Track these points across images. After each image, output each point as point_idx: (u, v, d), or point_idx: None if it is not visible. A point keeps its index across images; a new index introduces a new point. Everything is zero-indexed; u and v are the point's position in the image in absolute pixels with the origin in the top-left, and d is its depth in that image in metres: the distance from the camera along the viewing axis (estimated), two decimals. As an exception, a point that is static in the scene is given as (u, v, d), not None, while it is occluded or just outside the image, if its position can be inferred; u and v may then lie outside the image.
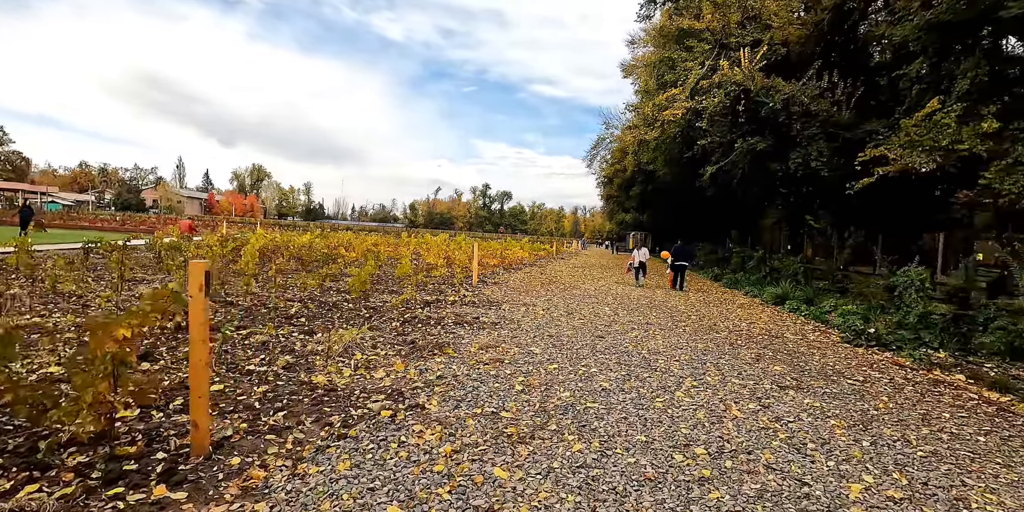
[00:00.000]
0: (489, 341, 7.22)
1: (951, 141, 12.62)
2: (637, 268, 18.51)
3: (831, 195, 21.68)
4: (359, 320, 8.30)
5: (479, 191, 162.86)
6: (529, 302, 11.69)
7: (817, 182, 19.96)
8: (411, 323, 8.36)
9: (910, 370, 7.10)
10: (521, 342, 7.30)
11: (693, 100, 17.74)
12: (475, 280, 14.65)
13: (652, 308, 11.91)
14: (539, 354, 6.62)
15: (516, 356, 6.43)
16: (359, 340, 6.78)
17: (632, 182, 40.38)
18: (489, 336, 7.63)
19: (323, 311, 8.94)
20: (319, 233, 32.65)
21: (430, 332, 7.72)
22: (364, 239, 30.10)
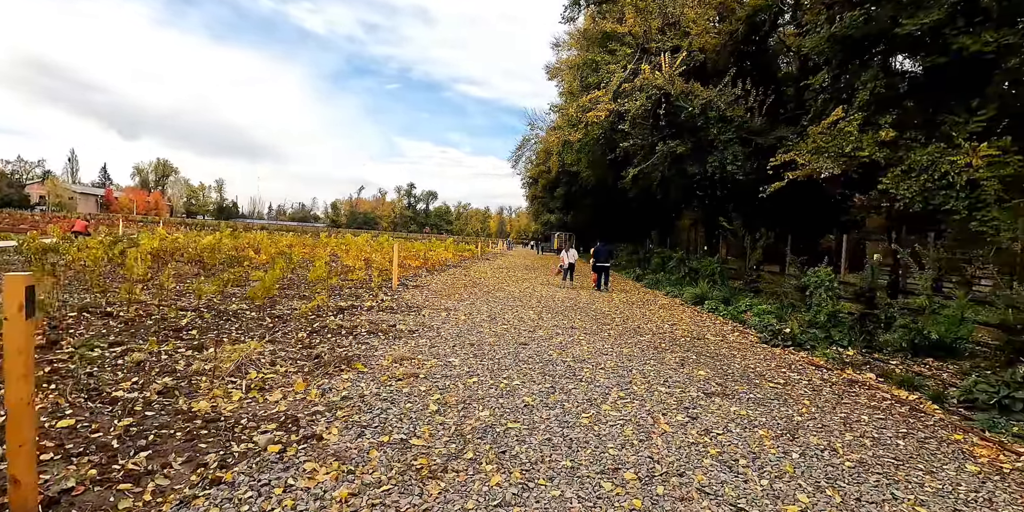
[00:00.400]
0: (405, 352, 6.65)
1: (853, 148, 13.30)
2: (567, 269, 18.50)
3: (745, 198, 22.63)
4: (260, 331, 7.48)
5: (404, 191, 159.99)
6: (451, 307, 11.17)
7: (732, 185, 20.73)
8: (319, 333, 7.63)
9: (825, 370, 7.21)
10: (440, 352, 6.78)
11: (616, 103, 17.86)
12: (395, 283, 13.94)
13: (577, 311, 11.73)
14: (458, 366, 6.13)
15: (433, 369, 5.91)
16: (256, 355, 6.02)
17: (557, 183, 40.72)
18: (405, 346, 7.06)
19: (220, 321, 8.02)
20: (229, 233, 30.53)
21: (340, 343, 7.05)
22: (278, 240, 28.39)
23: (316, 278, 12.59)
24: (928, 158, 12.66)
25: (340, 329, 7.98)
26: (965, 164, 12.21)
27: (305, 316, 8.96)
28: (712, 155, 15.67)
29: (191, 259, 16.05)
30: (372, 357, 6.34)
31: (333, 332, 7.75)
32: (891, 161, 13.36)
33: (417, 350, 6.85)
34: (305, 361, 6.02)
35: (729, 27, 18.65)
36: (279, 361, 5.92)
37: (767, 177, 16.74)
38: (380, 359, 6.25)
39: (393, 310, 10.18)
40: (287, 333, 7.54)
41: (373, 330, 8.00)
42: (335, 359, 6.11)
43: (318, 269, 12.80)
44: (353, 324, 8.38)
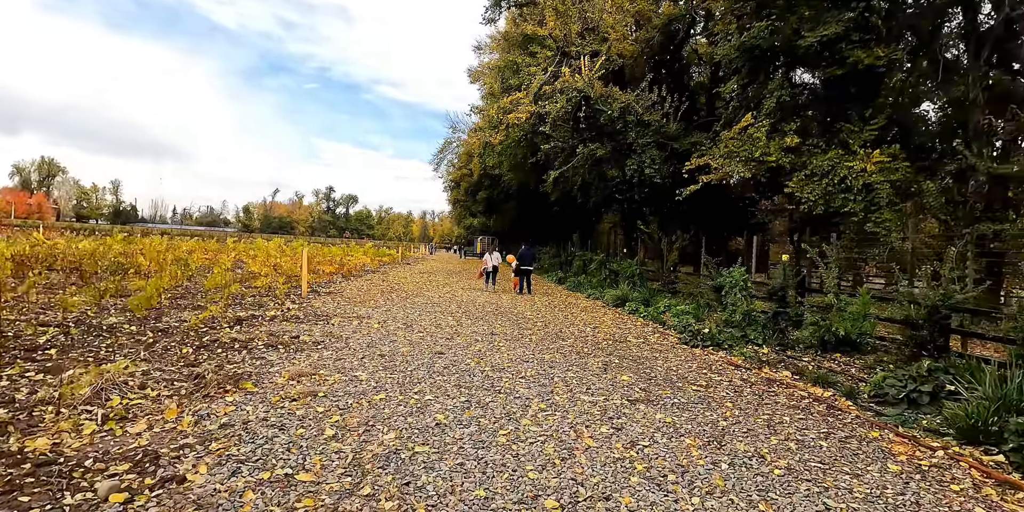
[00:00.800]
0: (305, 368, 5.95)
1: (762, 153, 13.79)
2: (489, 273, 18.13)
3: (661, 201, 23.21)
4: (137, 348, 6.51)
5: (322, 194, 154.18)
6: (364, 314, 10.44)
7: (650, 188, 21.18)
8: (208, 348, 6.75)
9: (744, 370, 7.21)
10: (346, 366, 6.13)
11: (537, 105, 17.74)
12: (304, 291, 12.97)
13: (498, 316, 11.34)
14: (365, 380, 5.52)
15: (336, 386, 5.27)
16: (124, 377, 5.13)
17: (479, 186, 40.39)
18: (307, 360, 6.35)
19: (90, 338, 6.94)
20: (121, 238, 27.82)
21: (231, 359, 6.23)
22: (178, 245, 26.15)
23: (214, 286, 11.44)
24: (828, 163, 13.31)
25: (234, 343, 7.12)
26: (861, 169, 12.95)
27: (195, 329, 7.99)
28: (631, 158, 15.85)
29: (67, 267, 14.24)
30: (266, 374, 5.60)
31: (225, 346, 6.89)
32: (795, 166, 13.98)
33: (320, 364, 6.16)
34: (184, 382, 5.20)
35: (646, 34, 19.06)
36: (152, 383, 5.07)
37: (683, 181, 17.17)
38: (275, 376, 5.53)
39: (299, 320, 9.34)
40: (169, 349, 6.62)
41: (272, 343, 7.20)
42: (221, 378, 5.32)
43: (216, 276, 11.66)
44: (250, 337, 7.52)
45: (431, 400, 4.92)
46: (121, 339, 7.07)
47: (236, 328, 8.27)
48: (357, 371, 5.89)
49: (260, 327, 8.41)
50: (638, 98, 15.76)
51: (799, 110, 15.22)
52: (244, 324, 8.67)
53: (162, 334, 7.56)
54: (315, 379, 5.47)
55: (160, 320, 8.71)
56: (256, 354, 6.54)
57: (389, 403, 4.78)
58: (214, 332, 7.83)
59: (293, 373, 5.55)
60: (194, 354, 6.42)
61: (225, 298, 10.71)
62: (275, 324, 8.76)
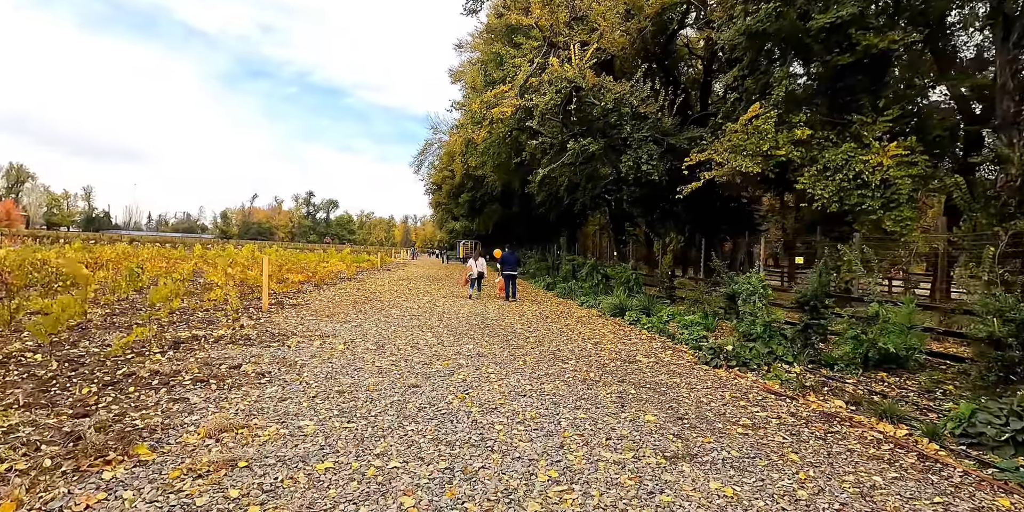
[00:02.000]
0: (233, 416, 4.50)
1: (770, 147, 12.66)
2: (475, 280, 16.82)
3: (654, 201, 22.05)
4: (26, 387, 5.03)
5: (302, 199, 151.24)
6: (329, 332, 8.98)
7: (645, 187, 20.01)
8: (119, 386, 5.29)
9: (788, 400, 5.92)
10: (290, 411, 4.70)
11: (523, 98, 16.44)
12: (265, 304, 11.45)
13: (485, 330, 9.96)
14: (311, 435, 4.10)
15: (268, 447, 3.84)
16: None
17: (461, 189, 38.99)
18: (242, 403, 4.90)
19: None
20: (80, 245, 25.97)
21: (141, 403, 4.78)
22: (138, 252, 24.37)
23: (160, 300, 9.91)
24: (842, 157, 12.23)
25: (154, 377, 5.65)
26: (876, 163, 11.87)
27: (115, 356, 6.50)
28: (626, 154, 14.60)
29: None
30: (177, 427, 4.16)
31: (141, 383, 5.42)
32: (806, 160, 12.89)
33: (256, 409, 4.73)
34: (55, 443, 3.76)
35: (637, 24, 17.88)
36: (6, 450, 3.62)
37: (680, 178, 15.98)
38: (189, 431, 4.09)
39: (249, 341, 7.86)
40: (68, 388, 5.14)
41: (204, 376, 5.73)
42: (109, 438, 3.88)
43: (163, 288, 10.13)
44: (179, 367, 6.05)
45: (397, 469, 3.52)
46: (12, 374, 5.57)
47: (169, 354, 6.79)
48: (304, 419, 4.47)
49: (198, 352, 6.93)
50: (633, 89, 14.53)
51: (807, 101, 14.13)
52: (181, 348, 7.19)
53: (70, 365, 6.07)
54: (242, 435, 4.04)
55: (78, 345, 7.19)
56: (177, 393, 5.09)
57: (337, 477, 3.37)
58: (139, 360, 6.35)
59: (213, 426, 4.11)
60: (96, 395, 4.96)
61: (165, 315, 9.19)
62: (218, 348, 7.28)
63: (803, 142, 12.81)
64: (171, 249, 29.98)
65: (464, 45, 41.47)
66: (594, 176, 18.34)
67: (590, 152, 15.00)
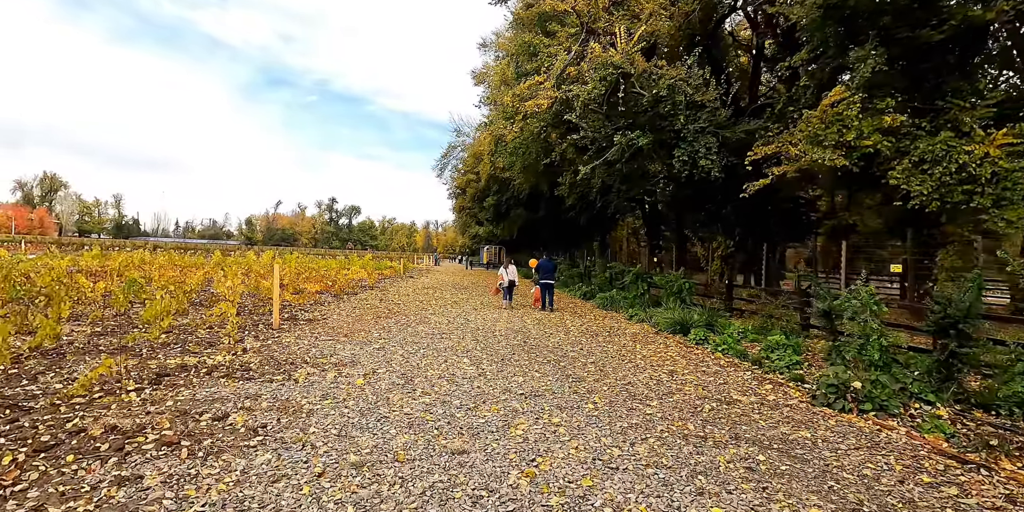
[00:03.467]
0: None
1: (856, 136, 10.92)
2: (507, 288, 15.36)
3: (700, 202, 20.30)
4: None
5: (325, 205, 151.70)
6: (347, 358, 7.47)
7: (688, 187, 18.28)
8: (55, 452, 3.83)
9: (979, 469, 4.21)
10: (282, 505, 3.18)
11: (560, 90, 14.89)
12: (276, 320, 10.03)
13: (530, 352, 8.36)
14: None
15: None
16: None
17: (487, 192, 37.54)
18: (214, 489, 3.38)
19: None
20: (97, 252, 25.08)
21: (72, 487, 3.30)
22: (153, 260, 23.35)
23: (154, 316, 8.53)
24: (941, 148, 10.44)
25: (109, 434, 4.18)
26: (983, 154, 10.07)
27: (80, 396, 5.08)
28: (679, 148, 12.92)
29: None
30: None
31: (88, 447, 3.96)
32: (895, 152, 11.14)
33: (235, 499, 3.20)
34: None
35: (685, 7, 16.23)
36: None
37: (736, 176, 14.27)
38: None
39: (248, 373, 6.38)
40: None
41: (175, 435, 4.24)
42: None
43: (157, 303, 8.76)
44: (144, 420, 4.58)
45: None
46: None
47: (146, 393, 5.35)
48: None
49: (181, 390, 5.47)
50: (688, 75, 12.87)
51: (888, 85, 12.31)
52: (163, 383, 5.74)
53: (11, 412, 4.65)
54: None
55: (41, 378, 5.80)
56: (130, 468, 3.60)
57: None
58: (104, 403, 4.92)
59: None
60: (17, 469, 3.50)
61: (155, 336, 7.79)
62: (209, 382, 5.81)
63: (892, 131, 11.04)
64: (188, 256, 29.02)
65: (488, 44, 40.15)
66: (641, 174, 16.68)
67: (638, 147, 13.34)
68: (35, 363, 6.52)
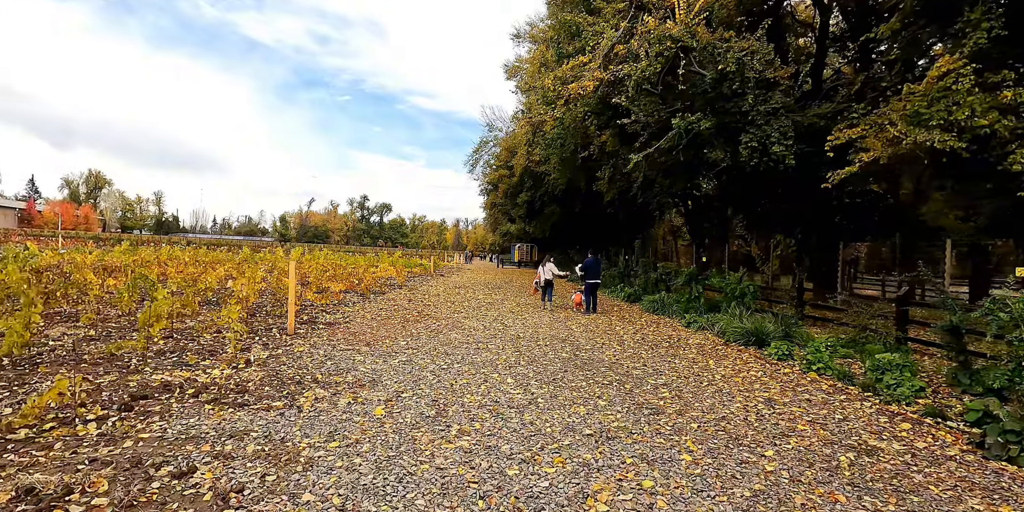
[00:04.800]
0: None
1: (968, 114, 9.18)
2: (544, 287, 14.05)
3: (755, 196, 18.55)
4: None
5: (357, 203, 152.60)
6: (367, 375, 6.19)
7: (740, 182, 16.62)
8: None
9: None
10: None
11: (607, 70, 13.41)
12: (291, 325, 8.85)
13: (586, 370, 6.96)
14: None
15: None
16: None
17: (520, 188, 36.15)
18: None
19: None
20: (126, 247, 24.61)
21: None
22: (178, 255, 22.68)
23: (152, 319, 7.41)
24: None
25: (15, 505, 2.96)
26: None
27: (23, 428, 3.92)
28: (747, 133, 11.32)
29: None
30: None
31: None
32: (1015, 134, 9.39)
33: None
34: None
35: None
36: None
37: (808, 165, 12.61)
38: None
39: (244, 395, 5.14)
40: None
41: (111, 506, 3.00)
42: None
43: (161, 304, 7.65)
44: (72, 480, 3.34)
45: None
46: None
47: (106, 425, 4.16)
48: None
49: (151, 422, 4.26)
50: (758, 49, 11.25)
51: (1010, 54, 10.48)
52: (133, 411, 4.55)
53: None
54: None
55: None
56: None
57: None
58: (41, 441, 3.73)
59: None
60: None
61: (141, 346, 6.65)
62: (189, 412, 4.59)
63: (1011, 109, 9.28)
64: (215, 252, 28.42)
65: (522, 34, 38.79)
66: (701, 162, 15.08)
67: (699, 131, 11.78)
68: (4, 373, 5.44)
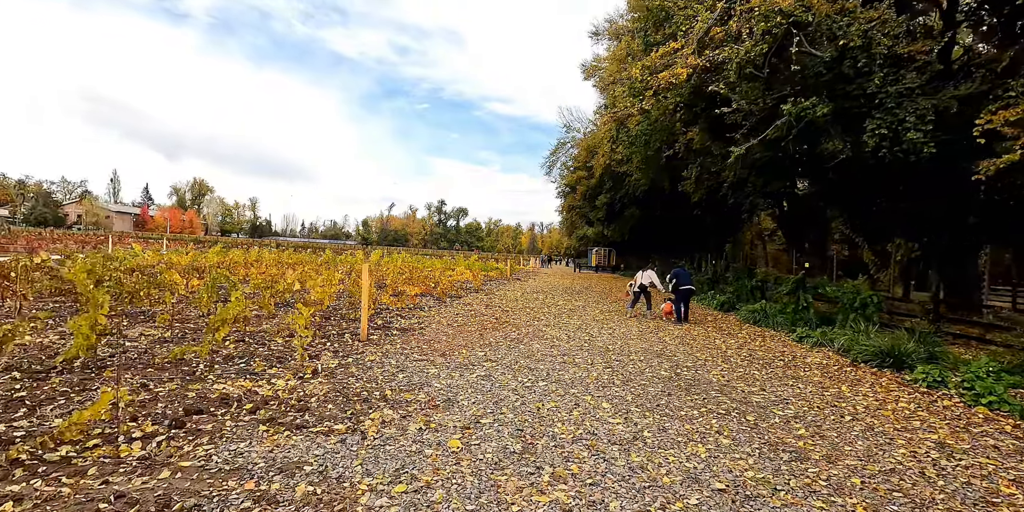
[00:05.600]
0: None
1: None
2: (638, 292, 13.02)
3: (869, 192, 16.50)
4: None
5: (434, 207, 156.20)
6: (441, 392, 5.46)
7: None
8: None
9: None
10: None
11: (701, 57, 12.16)
12: (363, 331, 8.35)
13: (693, 394, 5.89)
14: None
15: None
16: None
17: (599, 189, 34.93)
18: None
19: None
20: (219, 249, 25.78)
21: None
22: (264, 257, 23.38)
23: (218, 323, 7.10)
24: None
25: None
26: None
27: (71, 441, 3.47)
28: (875, 118, 9.76)
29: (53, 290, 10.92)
30: None
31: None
32: None
33: None
34: None
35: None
36: None
37: (949, 154, 10.79)
38: None
39: (302, 416, 4.53)
40: None
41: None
42: None
43: (225, 310, 7.34)
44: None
45: None
46: None
47: (152, 446, 3.65)
48: None
49: (198, 446, 3.70)
50: (890, 19, 9.68)
51: None
52: (184, 428, 4.04)
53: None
54: None
55: (43, 408, 4.35)
56: None
57: None
58: (73, 467, 3.25)
59: None
60: None
61: (205, 352, 6.27)
62: (242, 433, 4.02)
63: None
64: (300, 254, 29.24)
65: (601, 31, 37.64)
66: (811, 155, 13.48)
67: (813, 118, 10.32)
68: (60, 382, 5.16)
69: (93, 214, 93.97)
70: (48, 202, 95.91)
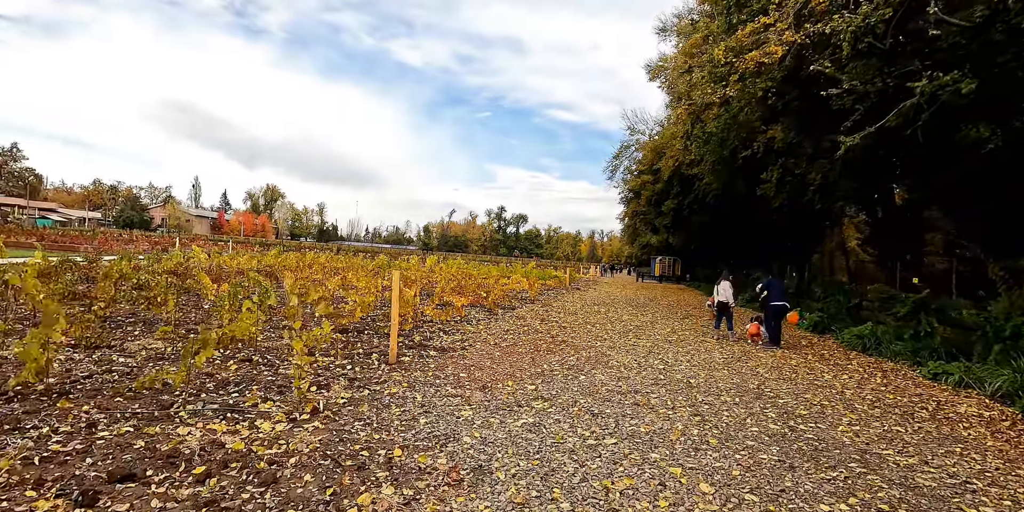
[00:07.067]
0: None
1: None
2: (720, 311, 11.21)
3: (993, 190, 13.86)
4: None
5: (494, 214, 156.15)
6: (471, 456, 3.94)
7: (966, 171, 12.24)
8: None
9: None
10: None
11: (801, 31, 10.22)
12: (392, 352, 7.00)
13: (825, 466, 4.13)
14: None
15: None
16: None
17: (666, 194, 32.70)
18: None
19: None
20: (277, 252, 25.58)
21: None
22: (315, 260, 22.82)
23: (202, 342, 5.92)
24: None
25: None
26: None
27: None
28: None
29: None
30: None
31: None
32: None
33: None
34: None
35: None
36: None
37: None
38: None
39: (261, 495, 3.16)
40: None
41: None
42: None
43: (246, 317, 6.18)
44: None
45: None
46: None
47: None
48: None
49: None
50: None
51: None
52: (98, 504, 2.74)
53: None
54: None
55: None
56: None
57: None
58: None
59: None
60: None
61: (179, 380, 5.07)
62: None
63: None
64: (355, 258, 28.68)
65: (668, 28, 35.62)
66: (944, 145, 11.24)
67: (951, 98, 8.21)
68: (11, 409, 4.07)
69: (175, 217, 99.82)
70: (136, 206, 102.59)
